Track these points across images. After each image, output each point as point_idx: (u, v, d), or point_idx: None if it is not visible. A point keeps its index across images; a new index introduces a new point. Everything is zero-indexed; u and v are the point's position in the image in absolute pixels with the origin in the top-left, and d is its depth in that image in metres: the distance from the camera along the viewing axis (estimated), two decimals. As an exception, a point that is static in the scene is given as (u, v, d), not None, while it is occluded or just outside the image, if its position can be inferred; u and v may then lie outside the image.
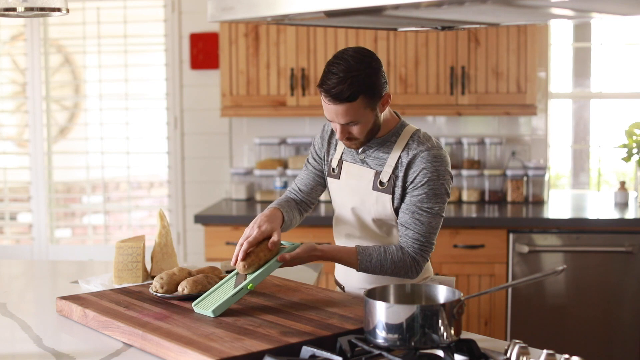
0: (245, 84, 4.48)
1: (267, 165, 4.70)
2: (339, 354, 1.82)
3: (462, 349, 1.84)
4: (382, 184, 2.36)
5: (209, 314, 2.12)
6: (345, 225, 2.49)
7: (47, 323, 2.29)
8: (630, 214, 4.12)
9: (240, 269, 2.23)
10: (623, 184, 4.45)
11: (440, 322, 1.80)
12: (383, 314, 1.82)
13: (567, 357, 1.73)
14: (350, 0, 1.55)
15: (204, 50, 4.77)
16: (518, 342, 1.78)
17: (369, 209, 2.40)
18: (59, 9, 2.42)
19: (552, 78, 4.77)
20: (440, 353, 1.83)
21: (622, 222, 4.02)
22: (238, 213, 4.38)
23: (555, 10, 1.77)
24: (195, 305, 2.18)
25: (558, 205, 4.43)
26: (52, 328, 2.24)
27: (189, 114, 4.87)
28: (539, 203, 4.46)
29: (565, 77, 5.08)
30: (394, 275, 2.33)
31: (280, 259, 2.24)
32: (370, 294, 1.90)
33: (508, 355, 1.77)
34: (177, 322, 2.08)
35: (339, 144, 2.49)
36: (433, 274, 2.53)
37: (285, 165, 4.71)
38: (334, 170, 2.49)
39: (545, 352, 1.71)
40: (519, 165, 4.60)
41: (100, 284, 2.63)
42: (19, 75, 5.09)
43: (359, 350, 1.85)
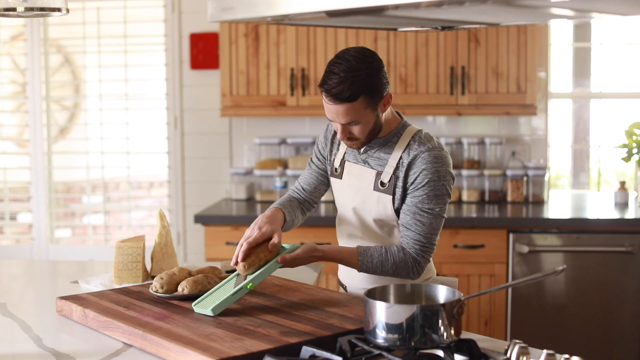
0: (245, 84, 4.48)
1: (267, 165, 4.70)
2: (339, 354, 1.82)
3: (462, 349, 1.84)
4: (383, 185, 2.36)
5: (209, 313, 2.12)
6: (347, 226, 2.49)
7: (47, 323, 2.28)
8: (630, 214, 4.12)
9: (240, 270, 2.24)
10: (623, 184, 4.45)
11: (440, 322, 1.80)
12: (383, 314, 1.82)
13: (567, 357, 1.73)
14: (351, 0, 1.55)
15: (204, 50, 4.77)
16: (518, 342, 1.78)
17: (370, 209, 2.40)
18: (59, 9, 2.42)
19: (552, 78, 4.77)
20: (440, 353, 1.83)
21: (622, 222, 4.02)
22: (238, 213, 4.38)
23: (555, 10, 1.77)
24: (195, 305, 2.18)
25: (558, 205, 4.43)
26: (52, 328, 2.24)
27: (189, 114, 4.87)
28: (539, 203, 4.46)
29: (565, 77, 5.07)
30: (395, 276, 2.33)
31: (281, 260, 2.24)
32: (370, 294, 1.90)
33: (508, 355, 1.77)
34: (177, 322, 2.08)
35: (342, 144, 2.48)
36: (435, 275, 2.53)
37: (285, 165, 4.71)
38: (337, 170, 2.49)
39: (545, 352, 1.71)
40: (519, 165, 4.60)
41: (100, 284, 2.63)
42: (19, 75, 5.09)
43: (359, 350, 1.85)
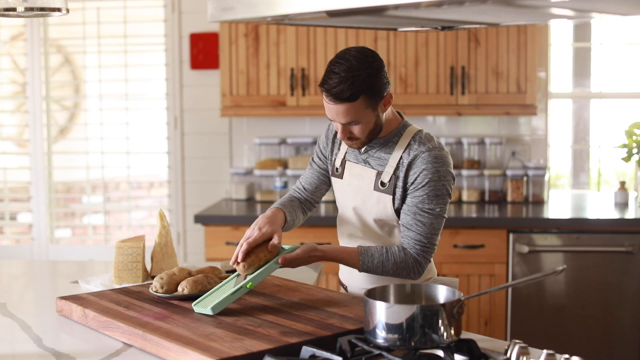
0: (245, 84, 4.47)
1: (267, 165, 4.70)
2: (339, 354, 1.81)
3: (462, 349, 1.84)
4: (383, 185, 2.36)
5: (208, 311, 2.12)
6: (348, 226, 2.48)
7: (47, 323, 2.28)
8: (630, 214, 4.12)
9: (240, 270, 2.24)
10: (623, 184, 4.45)
11: (440, 322, 1.80)
12: (383, 314, 1.82)
13: (567, 357, 1.73)
14: (350, 0, 1.55)
15: (204, 50, 4.77)
16: (518, 342, 1.78)
17: (370, 209, 2.39)
18: (59, 9, 2.42)
19: (552, 78, 4.77)
20: (440, 353, 1.83)
21: (622, 222, 4.02)
22: (238, 213, 4.38)
23: (555, 10, 1.77)
24: (195, 305, 2.18)
25: (558, 205, 4.43)
26: (52, 328, 2.24)
27: (189, 114, 4.87)
28: (539, 203, 4.46)
29: (565, 77, 5.07)
30: (396, 276, 2.32)
31: (281, 261, 2.24)
32: (370, 294, 1.90)
33: (508, 355, 1.77)
34: (177, 322, 2.08)
35: (343, 144, 2.48)
36: (436, 275, 2.53)
37: (285, 165, 4.71)
38: (338, 170, 2.49)
39: (545, 352, 1.71)
40: (519, 165, 4.60)
41: (100, 284, 2.63)
42: (19, 75, 5.09)
43: (359, 350, 1.85)
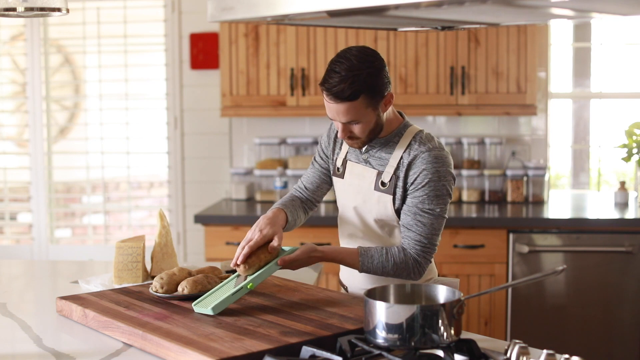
0: (245, 84, 4.47)
1: (267, 165, 4.70)
2: (339, 354, 1.81)
3: (462, 349, 1.84)
4: (383, 185, 2.35)
5: (208, 312, 2.12)
6: (348, 225, 2.48)
7: (47, 323, 2.28)
8: (630, 214, 4.12)
9: (241, 271, 2.25)
10: (623, 184, 4.45)
11: (440, 322, 1.80)
12: (383, 314, 1.82)
13: (567, 357, 1.73)
14: (350, 1, 1.55)
15: (204, 50, 4.77)
16: (518, 342, 1.78)
17: (371, 209, 2.39)
18: (59, 9, 2.42)
19: (552, 78, 4.77)
20: (440, 353, 1.83)
21: (622, 222, 4.02)
22: (238, 213, 4.38)
23: (555, 10, 1.77)
24: (195, 305, 2.18)
25: (558, 205, 4.43)
26: (52, 328, 2.24)
27: (189, 114, 4.87)
28: (539, 203, 4.46)
29: (565, 77, 5.07)
30: (396, 277, 2.32)
31: (280, 263, 2.25)
32: (370, 294, 1.90)
33: (508, 355, 1.77)
34: (177, 322, 2.08)
35: (345, 143, 2.48)
36: (437, 276, 2.52)
37: (285, 165, 4.71)
38: (339, 170, 2.49)
39: (545, 352, 1.71)
40: (519, 165, 4.60)
41: (100, 284, 2.63)
42: (19, 75, 5.09)
43: (359, 350, 1.85)
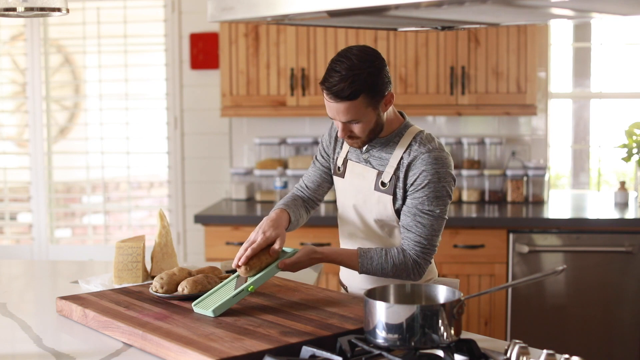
0: (245, 84, 4.47)
1: (267, 165, 4.70)
2: (339, 354, 1.81)
3: (462, 349, 1.84)
4: (383, 185, 2.35)
5: (209, 314, 2.12)
6: (349, 225, 2.48)
7: (47, 323, 2.28)
8: (630, 214, 4.12)
9: (242, 272, 2.25)
10: (623, 184, 4.45)
11: (440, 322, 1.80)
12: (383, 314, 1.82)
13: (567, 357, 1.73)
14: (350, 1, 1.55)
15: (204, 50, 4.77)
16: (518, 342, 1.78)
17: (371, 209, 2.39)
18: (59, 9, 2.42)
19: (552, 78, 4.77)
20: (440, 353, 1.83)
21: (622, 222, 4.02)
22: (238, 213, 4.38)
23: (555, 10, 1.77)
24: (195, 305, 2.18)
25: (558, 205, 4.43)
26: (52, 328, 2.24)
27: (189, 114, 4.87)
28: (539, 203, 4.46)
29: (565, 77, 5.07)
30: (396, 278, 2.32)
31: (281, 265, 2.25)
32: (370, 294, 1.90)
33: (508, 355, 1.77)
34: (177, 322, 2.08)
35: (346, 143, 2.48)
36: (437, 276, 2.52)
37: (285, 165, 4.71)
38: (339, 169, 2.49)
39: (545, 352, 1.71)
40: (519, 165, 4.60)
41: (100, 284, 2.63)
42: (19, 75, 5.09)
43: (359, 350, 1.85)
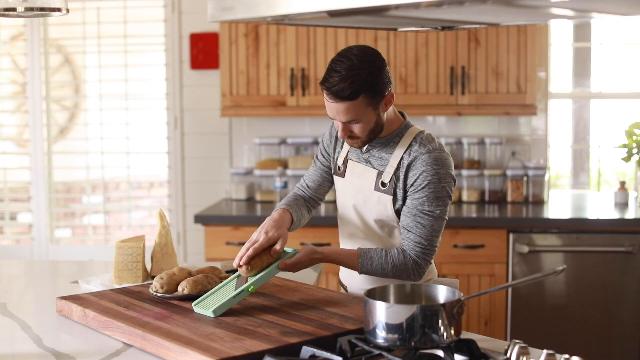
0: (245, 84, 4.47)
1: (267, 165, 4.70)
2: (339, 354, 1.81)
3: (462, 349, 1.84)
4: (383, 185, 2.35)
5: (209, 314, 2.12)
6: (349, 225, 2.48)
7: (47, 323, 2.28)
8: (630, 214, 4.12)
9: (243, 272, 2.25)
10: (623, 184, 4.45)
11: (440, 322, 1.80)
12: (383, 314, 1.82)
13: (567, 357, 1.73)
14: (350, 1, 1.55)
15: (204, 50, 4.77)
16: (518, 342, 1.78)
17: (371, 209, 2.39)
18: (59, 9, 2.42)
19: (552, 78, 4.77)
20: (440, 353, 1.83)
21: (622, 222, 4.02)
22: (238, 213, 4.38)
23: (555, 10, 1.77)
24: (196, 305, 2.18)
25: (558, 205, 4.43)
26: (52, 328, 2.24)
27: (189, 114, 4.87)
28: (539, 203, 4.46)
29: (565, 77, 5.07)
30: (396, 278, 2.32)
31: (281, 266, 2.25)
32: (370, 294, 1.90)
33: (508, 355, 1.77)
34: (177, 322, 2.08)
35: (346, 143, 2.48)
36: (437, 276, 2.52)
37: (285, 165, 4.71)
38: (340, 169, 2.49)
39: (545, 352, 1.71)
40: (519, 165, 4.60)
41: (100, 284, 2.63)
42: (19, 75, 5.09)
43: (359, 350, 1.85)
